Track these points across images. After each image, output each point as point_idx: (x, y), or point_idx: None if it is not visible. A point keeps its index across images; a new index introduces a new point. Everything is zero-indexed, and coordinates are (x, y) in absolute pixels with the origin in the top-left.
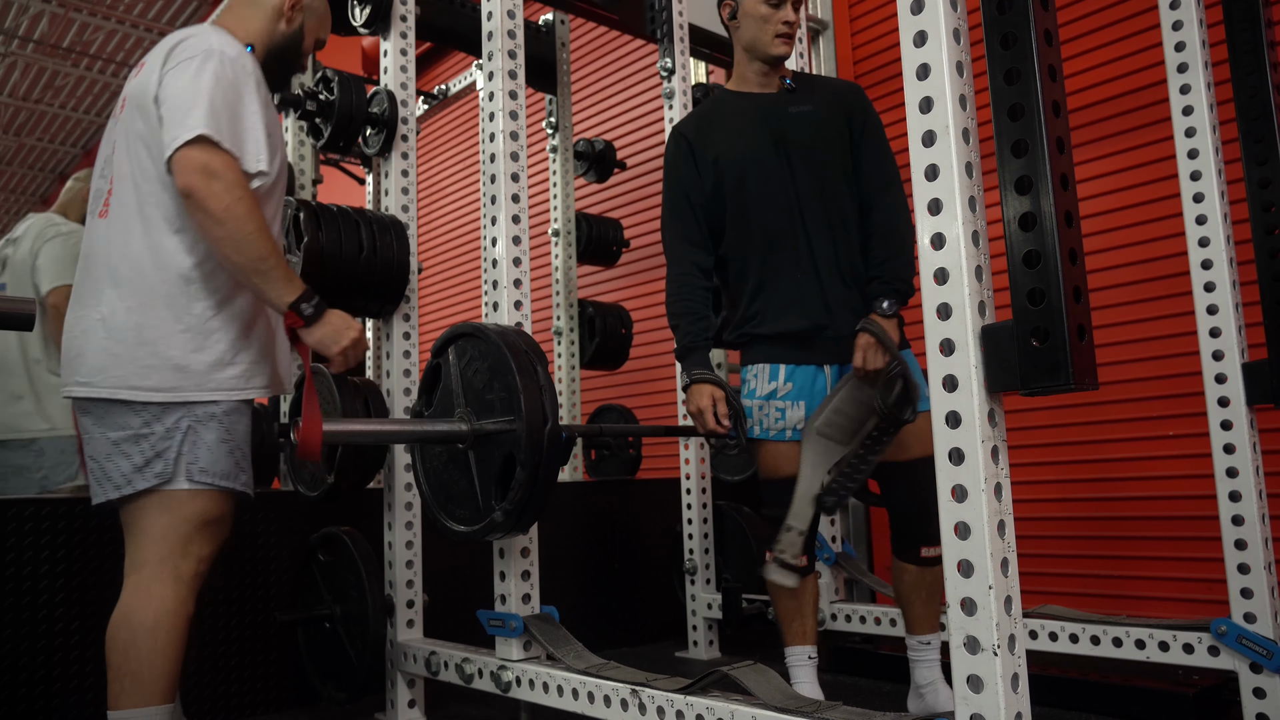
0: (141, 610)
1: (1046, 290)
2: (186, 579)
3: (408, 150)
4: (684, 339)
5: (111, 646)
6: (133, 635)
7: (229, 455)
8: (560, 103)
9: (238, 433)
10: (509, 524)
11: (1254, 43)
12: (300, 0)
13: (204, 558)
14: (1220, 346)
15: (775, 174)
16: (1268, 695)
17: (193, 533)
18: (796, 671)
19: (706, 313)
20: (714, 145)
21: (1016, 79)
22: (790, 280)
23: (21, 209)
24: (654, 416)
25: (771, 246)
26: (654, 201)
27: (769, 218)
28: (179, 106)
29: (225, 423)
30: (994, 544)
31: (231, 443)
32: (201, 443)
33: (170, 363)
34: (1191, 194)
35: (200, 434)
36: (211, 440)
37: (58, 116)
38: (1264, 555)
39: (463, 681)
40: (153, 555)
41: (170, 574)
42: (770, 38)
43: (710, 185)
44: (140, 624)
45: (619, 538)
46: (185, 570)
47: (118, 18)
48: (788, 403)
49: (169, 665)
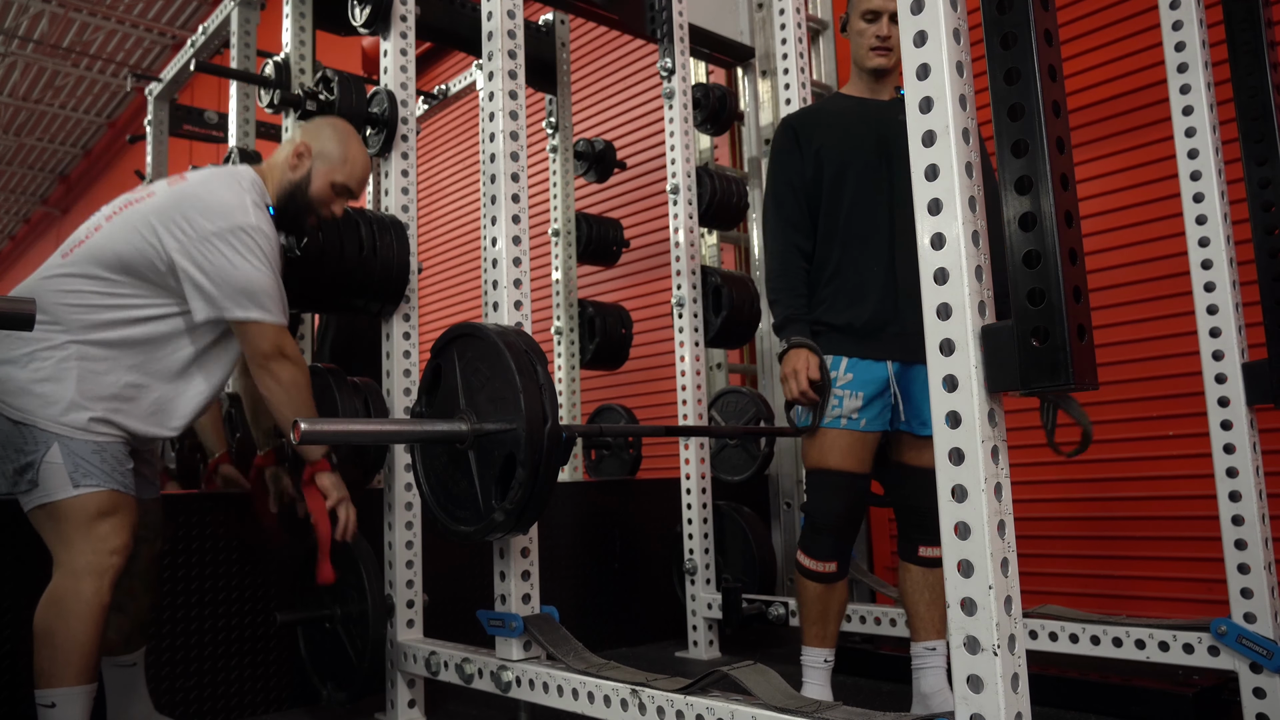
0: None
1: (1046, 290)
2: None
3: (408, 150)
4: (784, 310)
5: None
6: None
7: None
8: (560, 103)
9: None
10: (509, 524)
11: (1254, 43)
12: (307, 148)
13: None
14: (1220, 346)
15: (873, 173)
16: (1268, 695)
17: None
18: (810, 673)
19: (804, 290)
20: (818, 137)
21: (1016, 79)
22: (864, 275)
23: (22, 209)
24: (654, 416)
25: (856, 241)
26: (654, 201)
27: (859, 213)
28: (237, 284)
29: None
30: (994, 544)
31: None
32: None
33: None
34: (1191, 194)
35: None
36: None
37: (58, 116)
38: (1264, 555)
39: (463, 681)
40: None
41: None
42: (866, 51)
43: (811, 173)
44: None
45: (619, 538)
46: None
47: (118, 18)
48: (845, 391)
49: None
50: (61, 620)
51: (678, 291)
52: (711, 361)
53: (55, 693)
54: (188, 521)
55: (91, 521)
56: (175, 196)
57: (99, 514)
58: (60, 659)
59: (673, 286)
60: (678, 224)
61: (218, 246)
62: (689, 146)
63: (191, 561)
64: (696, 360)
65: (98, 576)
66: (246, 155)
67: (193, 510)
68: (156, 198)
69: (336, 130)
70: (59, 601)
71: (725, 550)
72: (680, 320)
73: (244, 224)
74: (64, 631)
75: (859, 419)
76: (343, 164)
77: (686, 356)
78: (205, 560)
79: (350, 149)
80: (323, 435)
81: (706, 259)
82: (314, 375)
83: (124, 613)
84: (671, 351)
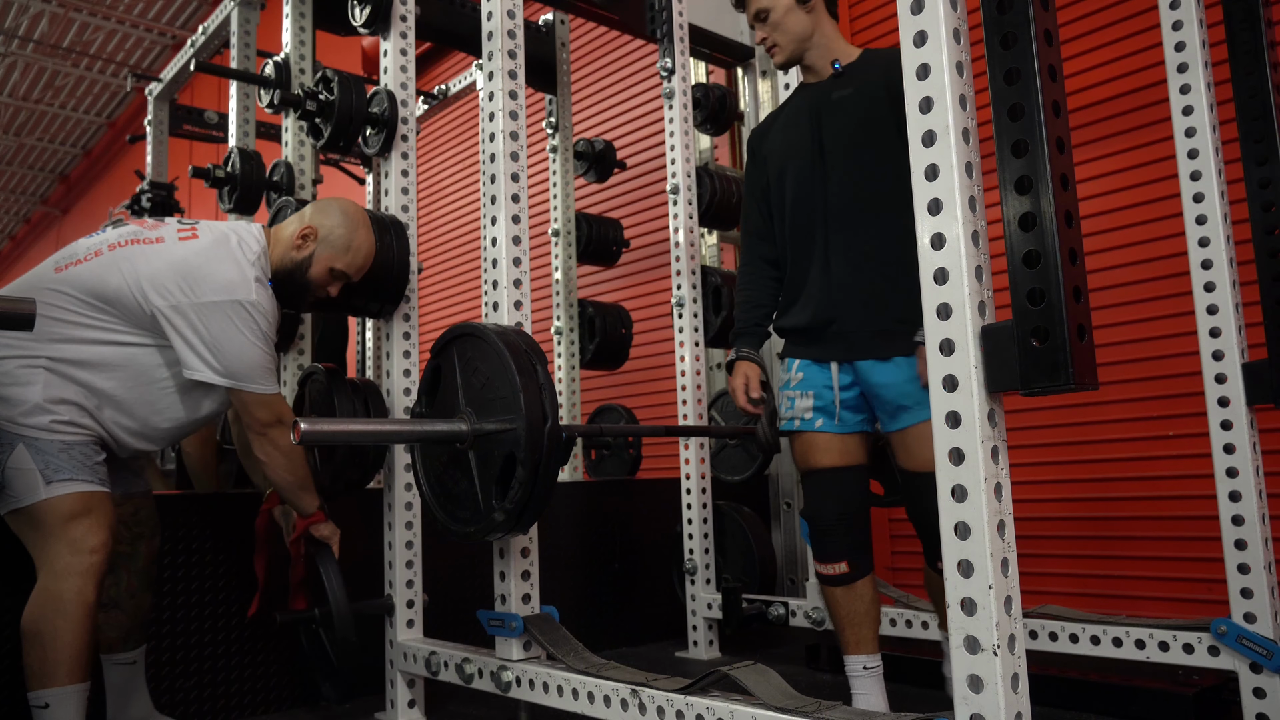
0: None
1: (1046, 290)
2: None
3: (408, 150)
4: (736, 324)
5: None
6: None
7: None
8: (560, 103)
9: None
10: (510, 523)
11: (1254, 43)
12: (313, 231)
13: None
14: (1220, 346)
15: (807, 170)
16: (1268, 695)
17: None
18: (854, 683)
19: (764, 300)
20: (767, 143)
21: (1016, 79)
22: (804, 275)
23: (22, 209)
24: (654, 416)
25: (797, 243)
26: (654, 201)
27: (797, 213)
28: (235, 355)
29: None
30: (994, 544)
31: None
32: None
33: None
34: (1191, 194)
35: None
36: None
37: (58, 116)
38: (1264, 555)
39: (463, 681)
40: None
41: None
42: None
43: (765, 180)
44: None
45: (619, 538)
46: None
47: (118, 18)
48: (797, 392)
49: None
50: (48, 621)
51: (678, 291)
52: (711, 361)
53: (48, 693)
54: (188, 522)
55: (65, 524)
56: (177, 266)
57: (72, 516)
58: (50, 659)
59: (673, 286)
60: (678, 224)
61: (216, 317)
62: (689, 146)
63: (191, 561)
64: (696, 360)
65: (80, 576)
66: (246, 155)
67: (193, 510)
68: (158, 257)
69: (346, 217)
70: (44, 603)
71: (725, 550)
72: (680, 320)
73: (245, 300)
74: (51, 632)
75: (813, 419)
76: (345, 252)
77: (686, 356)
78: (205, 560)
79: (356, 238)
80: (322, 435)
81: (706, 259)
82: (313, 375)
83: (122, 610)
84: (671, 351)
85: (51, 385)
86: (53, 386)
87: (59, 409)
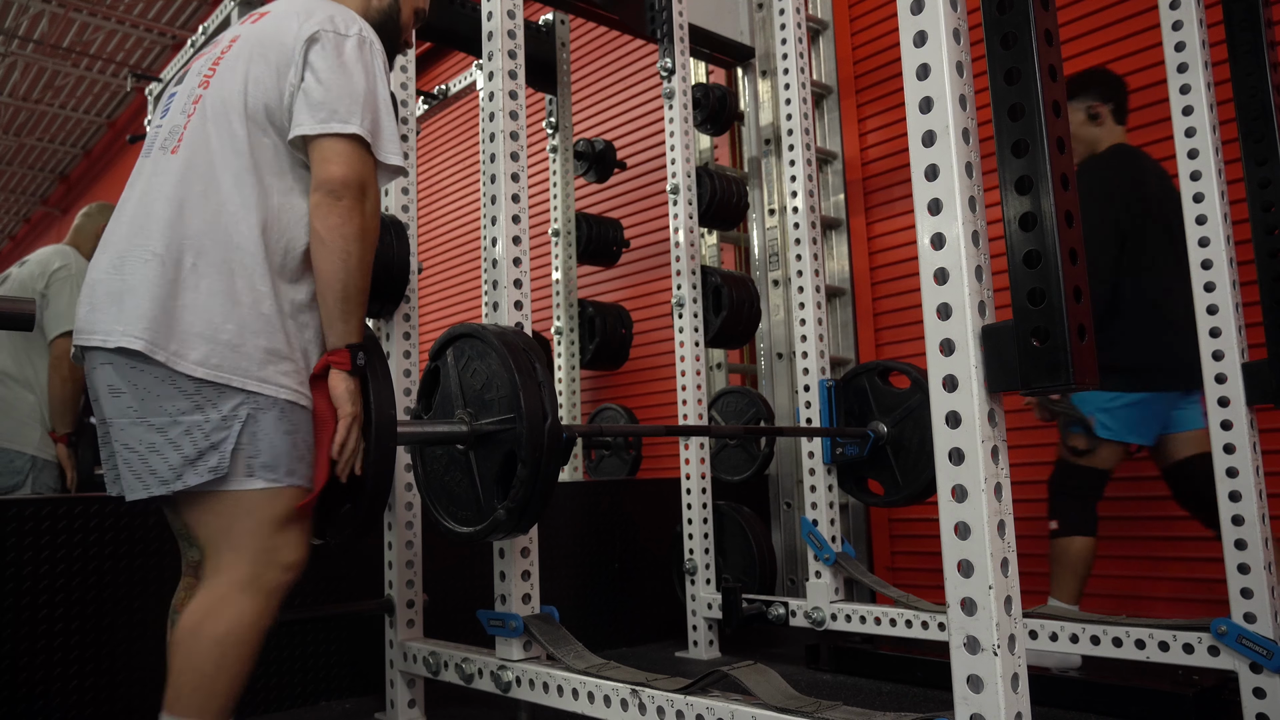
0: (213, 620)
1: (1047, 290)
2: (269, 590)
3: (408, 150)
4: None
5: (175, 650)
6: (197, 644)
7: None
8: (560, 103)
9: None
10: (511, 523)
11: (1254, 43)
12: None
13: (290, 565)
14: (1220, 346)
15: None
16: (1268, 695)
17: (275, 536)
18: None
19: None
20: None
21: (1016, 79)
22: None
23: (22, 209)
24: (654, 416)
25: None
26: (654, 201)
27: None
28: (337, 89)
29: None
30: (994, 544)
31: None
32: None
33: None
34: (1191, 194)
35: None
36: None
37: (58, 116)
38: (1264, 555)
39: (463, 681)
40: (230, 561)
41: (252, 584)
42: None
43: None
44: (209, 634)
45: (619, 538)
46: (269, 580)
47: (118, 18)
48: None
49: (230, 683)
50: (234, 646)
51: (678, 291)
52: (711, 361)
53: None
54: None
55: (282, 525)
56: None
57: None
58: (205, 689)
59: (673, 286)
60: (678, 224)
61: (340, 48)
62: (689, 146)
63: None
64: (696, 360)
65: (267, 595)
66: None
67: None
68: (264, 19)
69: None
70: (236, 620)
71: (725, 550)
72: (680, 320)
73: (372, 39)
74: (216, 657)
75: None
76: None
77: (686, 356)
78: None
79: None
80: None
81: (706, 259)
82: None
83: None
84: (671, 351)
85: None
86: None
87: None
